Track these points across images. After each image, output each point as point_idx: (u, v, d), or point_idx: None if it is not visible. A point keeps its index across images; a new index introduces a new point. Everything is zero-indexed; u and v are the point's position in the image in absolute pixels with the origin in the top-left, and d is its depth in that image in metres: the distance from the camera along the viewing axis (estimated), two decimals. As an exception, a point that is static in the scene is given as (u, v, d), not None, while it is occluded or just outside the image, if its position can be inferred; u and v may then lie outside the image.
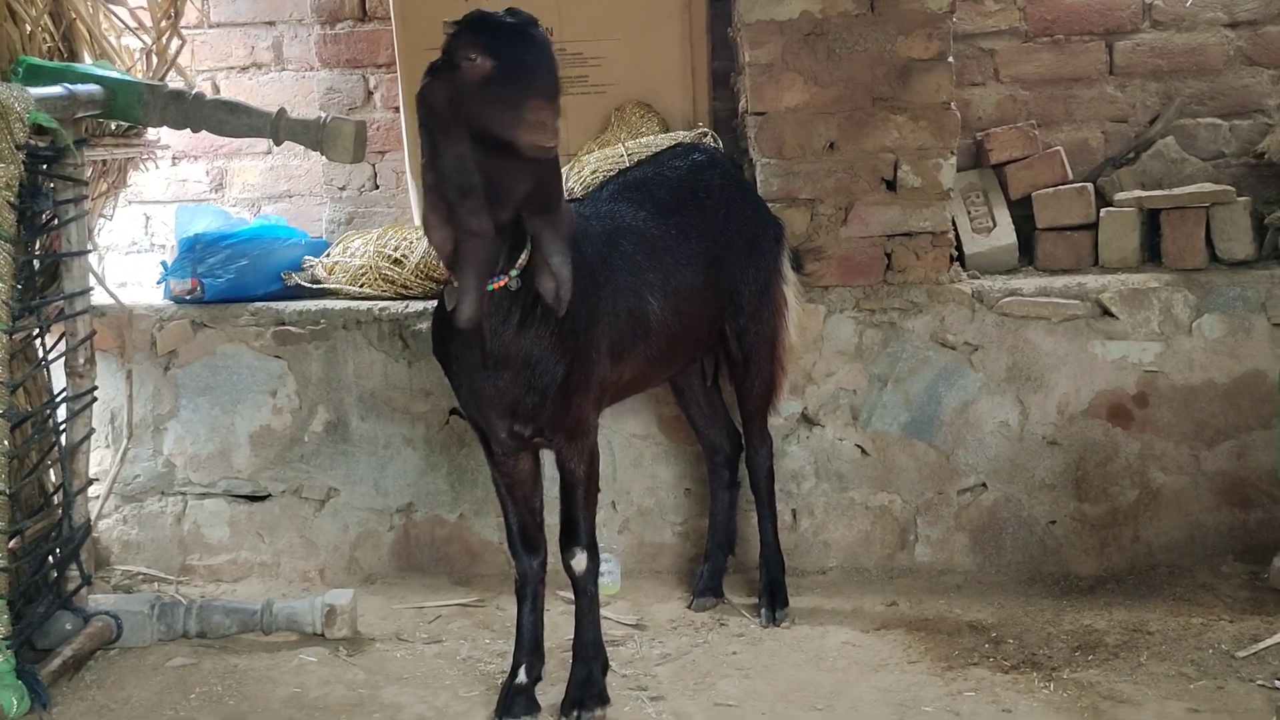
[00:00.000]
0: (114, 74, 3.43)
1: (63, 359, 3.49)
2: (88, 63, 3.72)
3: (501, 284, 2.81)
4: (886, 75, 3.79)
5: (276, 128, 3.32)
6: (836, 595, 3.80)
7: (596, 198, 3.39)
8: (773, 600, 3.64)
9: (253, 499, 4.15)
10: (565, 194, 2.90)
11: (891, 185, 3.84)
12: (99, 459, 4.14)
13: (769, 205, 3.79)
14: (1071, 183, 4.02)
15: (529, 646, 3.16)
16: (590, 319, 2.97)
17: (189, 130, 3.37)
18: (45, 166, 3.24)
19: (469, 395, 3.02)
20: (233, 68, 4.63)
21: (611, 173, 3.69)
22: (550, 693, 3.17)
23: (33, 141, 3.01)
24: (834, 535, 3.97)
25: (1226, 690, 3.08)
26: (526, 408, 2.95)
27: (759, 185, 3.85)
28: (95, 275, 4.03)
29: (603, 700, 3.09)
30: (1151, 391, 3.80)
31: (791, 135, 3.84)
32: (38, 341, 3.50)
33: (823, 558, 3.97)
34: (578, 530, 3.08)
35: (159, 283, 4.20)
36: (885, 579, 3.90)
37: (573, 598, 3.17)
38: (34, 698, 3.08)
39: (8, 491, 3.00)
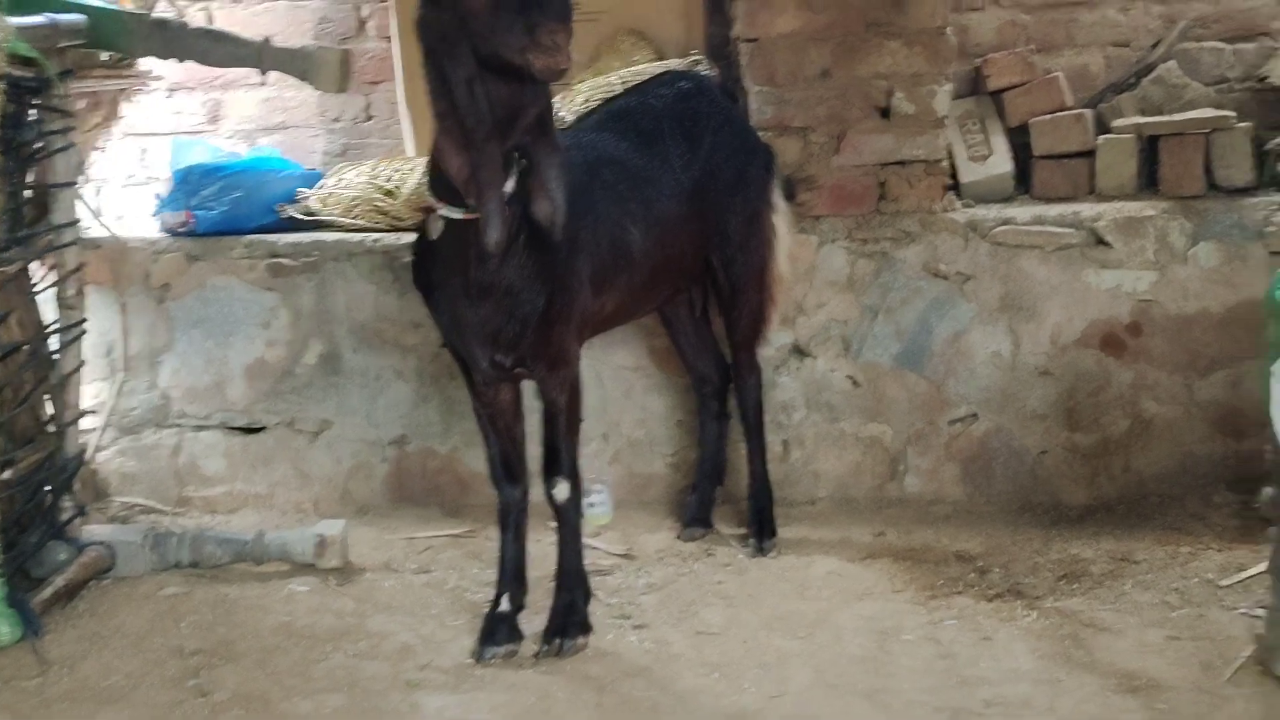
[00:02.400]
0: (98, 3, 3.40)
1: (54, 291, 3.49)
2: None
3: None
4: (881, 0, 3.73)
5: (261, 57, 3.31)
6: (825, 526, 3.81)
7: (579, 127, 3.37)
8: (760, 530, 3.65)
9: (248, 431, 4.17)
10: (554, 120, 2.87)
11: (885, 113, 3.80)
12: (96, 392, 4.18)
13: (761, 134, 3.76)
14: (1070, 109, 3.96)
15: (511, 575, 3.18)
16: (571, 249, 2.96)
17: (174, 60, 3.34)
18: (30, 97, 3.24)
19: (451, 324, 3.02)
20: (220, -4, 4.59)
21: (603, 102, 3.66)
22: (534, 621, 3.18)
23: (15, 72, 2.99)
24: (824, 466, 3.97)
25: (1207, 618, 3.09)
26: (508, 337, 2.95)
27: (752, 113, 3.81)
28: (88, 208, 4.04)
29: (585, 628, 3.12)
30: (1145, 321, 3.77)
31: (784, 62, 3.79)
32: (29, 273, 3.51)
33: (812, 488, 3.98)
34: (559, 460, 3.09)
35: (153, 215, 4.20)
36: (874, 509, 3.90)
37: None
38: (26, 625, 3.13)
39: (-2, 422, 3.03)
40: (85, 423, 4.03)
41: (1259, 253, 3.69)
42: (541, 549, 3.42)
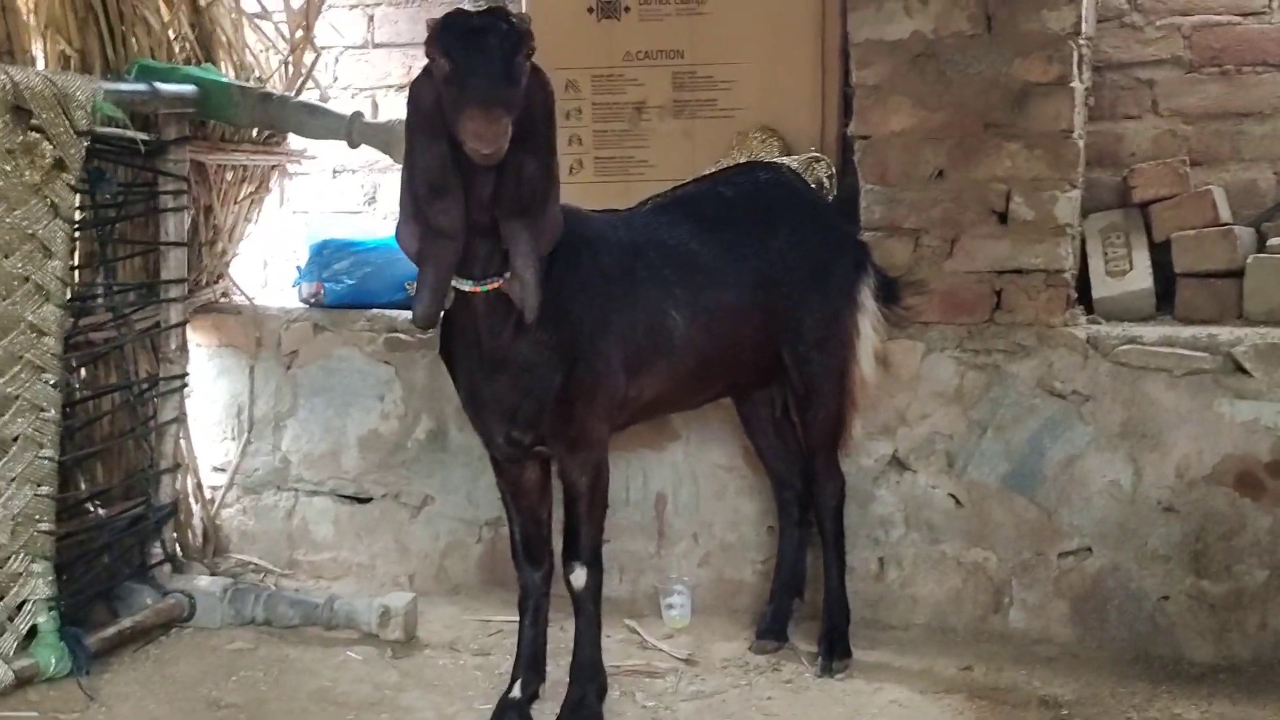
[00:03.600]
0: (214, 76, 3.62)
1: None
2: (223, 70, 3.95)
3: (495, 285, 2.78)
4: (1001, 100, 3.53)
5: (350, 130, 3.41)
6: (912, 653, 3.53)
7: (638, 209, 3.31)
8: (831, 649, 3.43)
9: (356, 500, 4.26)
10: (554, 201, 2.81)
11: (1003, 218, 3.58)
12: (225, 450, 4.37)
13: (872, 234, 3.61)
14: (1222, 225, 3.63)
15: (527, 662, 3.10)
16: (598, 328, 2.90)
17: (274, 130, 3.50)
18: (134, 159, 3.45)
19: (467, 398, 3.00)
20: (390, 86, 4.79)
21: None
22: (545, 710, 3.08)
23: (100, 129, 3.18)
24: (922, 590, 3.70)
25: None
26: (525, 414, 2.90)
27: (862, 213, 3.67)
28: (227, 275, 4.28)
29: None
30: (1288, 460, 3.37)
31: (896, 161, 3.64)
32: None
33: (909, 613, 3.71)
34: (579, 544, 3.00)
35: (293, 286, 4.40)
36: (971, 642, 3.60)
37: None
38: (74, 660, 3.24)
39: (56, 459, 3.18)
40: (211, 479, 4.23)
41: None
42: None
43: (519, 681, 3.08)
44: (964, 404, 3.63)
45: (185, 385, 3.80)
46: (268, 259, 4.94)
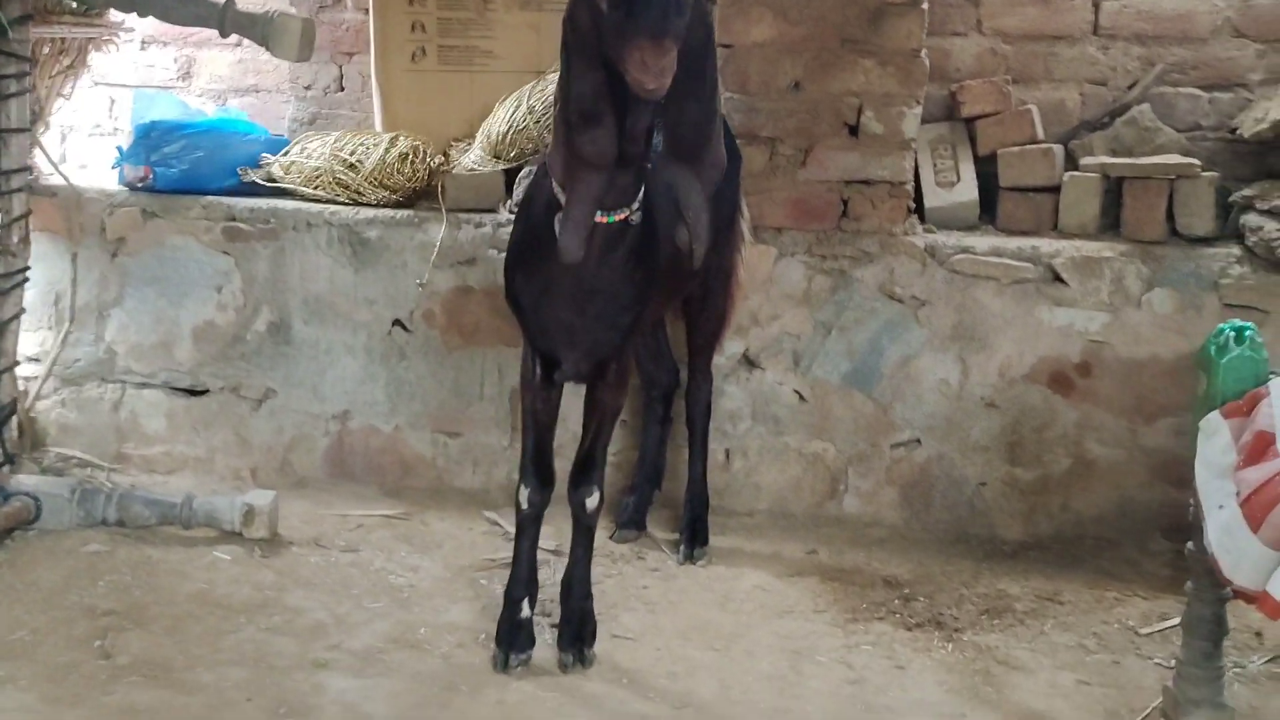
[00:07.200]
0: (62, -48, 3.37)
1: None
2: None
3: (623, 216, 2.70)
4: (858, 17, 3.71)
5: (223, 19, 3.27)
6: (759, 538, 3.79)
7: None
8: (693, 538, 3.64)
9: (191, 393, 4.14)
10: (719, 140, 2.73)
11: (854, 131, 3.78)
12: (40, 340, 4.15)
13: (730, 139, 3.73)
14: (1040, 142, 3.94)
15: (526, 578, 3.10)
16: (658, 264, 2.89)
17: (137, 14, 3.31)
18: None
19: (549, 322, 2.91)
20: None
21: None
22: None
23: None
24: (765, 478, 3.95)
25: (1122, 665, 3.09)
26: (605, 342, 2.90)
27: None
28: (44, 154, 4.01)
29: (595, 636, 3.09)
30: (1095, 362, 3.76)
31: (757, 71, 3.77)
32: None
33: (752, 500, 3.96)
34: (594, 469, 3.04)
35: (113, 167, 4.17)
36: (811, 526, 3.88)
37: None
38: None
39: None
40: (25, 370, 4.01)
41: (1213, 303, 3.67)
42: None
43: (526, 599, 3.06)
44: (811, 306, 3.86)
45: (26, 280, 3.58)
46: (66, 134, 4.65)
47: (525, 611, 3.05)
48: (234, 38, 4.55)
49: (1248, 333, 2.70)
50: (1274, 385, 2.59)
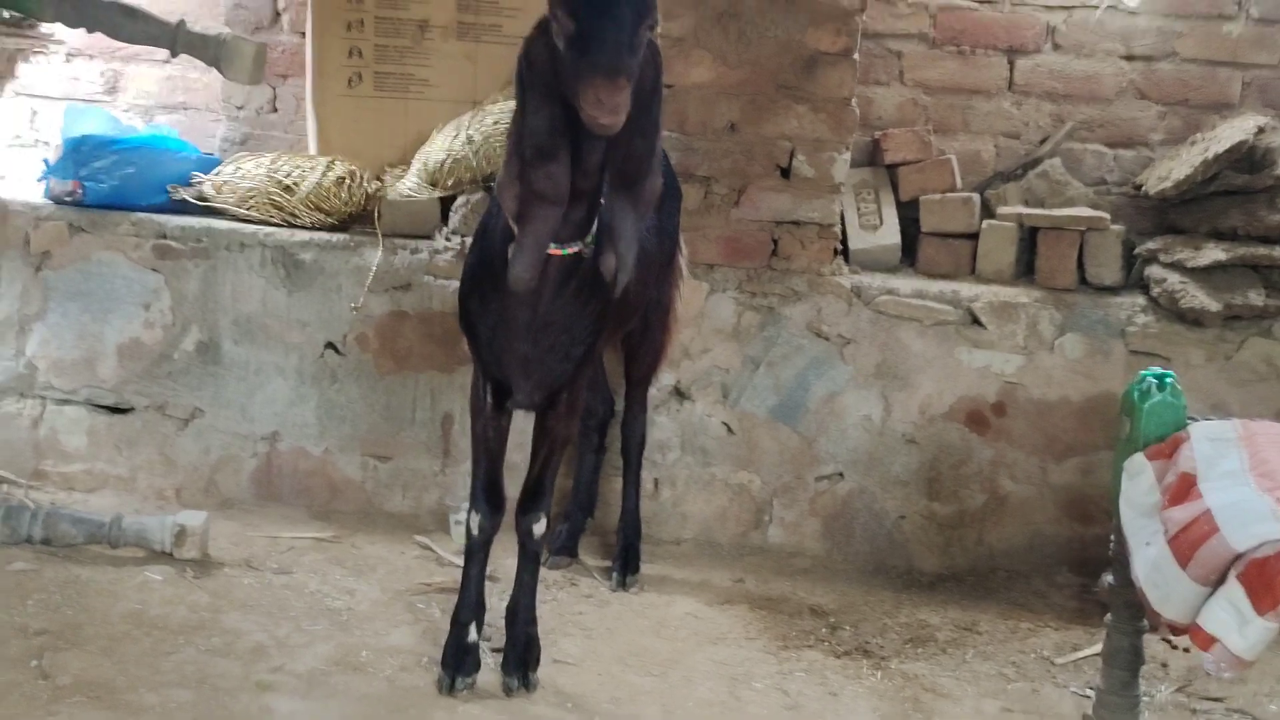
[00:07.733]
0: (10, -37, 3.33)
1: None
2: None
3: (576, 250, 2.76)
4: (793, 64, 3.85)
5: (174, 39, 3.28)
6: (687, 567, 3.88)
7: None
8: (625, 565, 3.71)
9: (114, 410, 4.09)
10: (656, 174, 2.76)
11: (786, 173, 3.91)
12: (-43, 353, 4.06)
13: (668, 177, 3.83)
14: (959, 191, 4.13)
15: (474, 603, 3.12)
16: (612, 300, 2.91)
17: (84, 30, 3.28)
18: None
19: (503, 351, 2.94)
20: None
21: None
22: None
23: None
24: (692, 508, 4.05)
25: (1040, 693, 3.23)
26: (558, 373, 2.95)
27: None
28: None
29: (539, 661, 3.13)
30: (1010, 402, 3.94)
31: (695, 111, 3.88)
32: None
33: (679, 529, 4.05)
34: (543, 496, 3.09)
35: (39, 180, 4.11)
36: (737, 555, 3.99)
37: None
38: None
39: None
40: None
41: (1119, 349, 3.88)
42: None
43: (473, 624, 3.09)
44: (741, 341, 3.97)
45: (-43, 291, 3.51)
46: (-15, 144, 4.57)
47: (472, 635, 3.08)
48: (163, 53, 4.55)
49: (1168, 380, 2.86)
50: (1194, 429, 2.75)
